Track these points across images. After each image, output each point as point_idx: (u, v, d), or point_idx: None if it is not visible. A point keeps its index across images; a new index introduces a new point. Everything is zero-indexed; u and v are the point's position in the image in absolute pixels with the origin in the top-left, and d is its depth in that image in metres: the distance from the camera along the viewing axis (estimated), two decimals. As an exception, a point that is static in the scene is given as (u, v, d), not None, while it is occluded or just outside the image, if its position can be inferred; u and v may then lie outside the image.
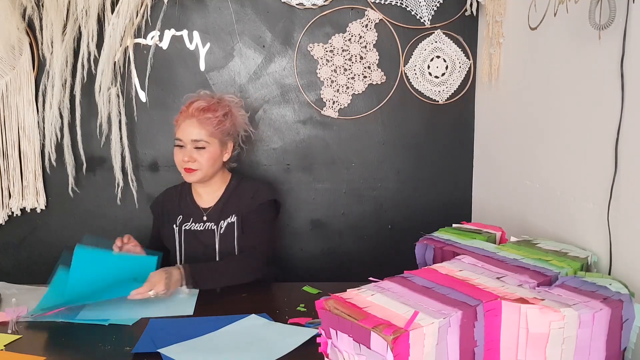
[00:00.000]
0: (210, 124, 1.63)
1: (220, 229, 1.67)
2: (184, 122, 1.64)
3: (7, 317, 1.33)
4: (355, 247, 2.07)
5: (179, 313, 1.38)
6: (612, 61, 1.11)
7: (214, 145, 1.65)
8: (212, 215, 1.69)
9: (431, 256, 1.29)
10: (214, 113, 1.64)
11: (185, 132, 1.63)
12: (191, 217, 1.70)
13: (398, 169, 2.03)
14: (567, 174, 1.33)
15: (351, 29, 1.93)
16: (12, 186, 1.94)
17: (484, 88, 1.90)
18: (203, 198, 1.73)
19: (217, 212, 1.69)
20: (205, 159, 1.63)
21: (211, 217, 1.69)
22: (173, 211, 1.73)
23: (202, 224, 1.69)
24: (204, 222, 1.69)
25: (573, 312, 0.85)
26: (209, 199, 1.72)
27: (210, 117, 1.63)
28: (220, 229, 1.67)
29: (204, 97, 1.68)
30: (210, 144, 1.64)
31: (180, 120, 1.65)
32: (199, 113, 1.62)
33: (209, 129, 1.63)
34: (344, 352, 0.88)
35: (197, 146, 1.62)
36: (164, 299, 1.43)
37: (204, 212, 1.70)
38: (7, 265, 2.03)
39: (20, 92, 1.89)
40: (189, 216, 1.71)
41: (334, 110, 1.98)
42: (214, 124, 1.63)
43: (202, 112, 1.63)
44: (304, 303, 1.42)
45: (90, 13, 1.83)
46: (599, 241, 1.18)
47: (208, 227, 1.68)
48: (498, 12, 1.72)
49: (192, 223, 1.70)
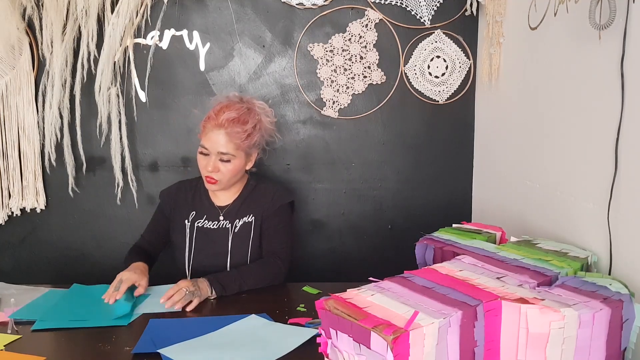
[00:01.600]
0: (239, 138, 1.58)
1: (234, 228, 1.66)
2: (212, 130, 1.58)
3: (7, 317, 1.33)
4: (355, 247, 2.07)
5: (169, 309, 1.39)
6: (612, 61, 1.11)
7: (240, 157, 1.62)
8: (228, 213, 1.68)
9: (431, 256, 1.29)
10: (244, 126, 1.59)
11: (212, 142, 1.58)
12: (205, 215, 1.69)
13: (398, 169, 2.03)
14: (567, 174, 1.33)
15: (351, 29, 1.93)
16: (12, 186, 1.94)
17: (484, 88, 1.90)
18: (219, 197, 1.71)
19: (234, 210, 1.68)
20: (229, 170, 1.60)
21: (227, 216, 1.68)
22: (186, 205, 1.71)
23: (216, 222, 1.67)
24: (220, 221, 1.67)
25: (573, 312, 0.85)
26: (226, 198, 1.71)
27: (239, 132, 1.58)
28: (235, 227, 1.66)
29: (234, 105, 1.62)
30: (237, 157, 1.60)
31: (209, 127, 1.59)
32: (229, 125, 1.57)
33: (237, 142, 1.58)
34: (344, 352, 0.87)
35: (222, 158, 1.59)
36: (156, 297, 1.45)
37: (220, 211, 1.69)
38: (7, 265, 2.03)
39: (20, 92, 1.89)
40: (202, 213, 1.69)
41: (334, 110, 1.98)
42: (242, 138, 1.59)
43: (232, 124, 1.57)
44: (304, 303, 1.42)
45: (90, 13, 1.83)
46: (599, 241, 1.18)
47: (222, 226, 1.67)
48: (498, 12, 1.72)
49: (206, 221, 1.68)
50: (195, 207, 1.71)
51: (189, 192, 1.74)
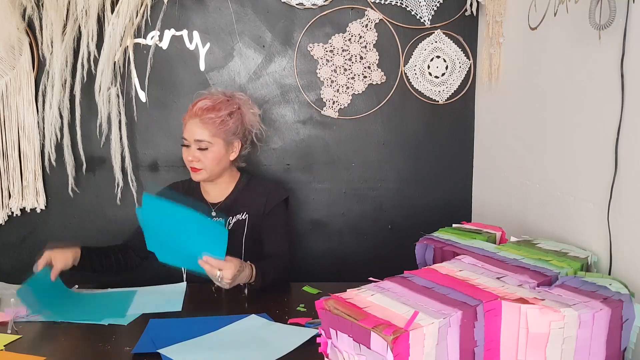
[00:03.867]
0: (213, 124, 1.61)
1: (228, 225, 1.66)
2: (188, 121, 1.63)
3: (7, 317, 1.33)
4: (355, 247, 2.07)
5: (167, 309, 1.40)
6: (612, 61, 1.11)
7: (218, 145, 1.63)
8: (221, 210, 1.69)
9: (431, 256, 1.29)
10: (217, 113, 1.62)
11: (189, 131, 1.62)
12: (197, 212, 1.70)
13: (398, 169, 2.03)
14: (567, 174, 1.33)
15: (351, 29, 1.93)
16: (12, 186, 1.94)
17: (484, 88, 1.90)
18: (211, 194, 1.72)
19: (226, 207, 1.69)
20: (208, 159, 1.62)
21: (220, 213, 1.69)
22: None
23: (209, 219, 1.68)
24: (212, 218, 1.68)
25: (573, 312, 0.85)
26: (218, 195, 1.72)
27: (212, 117, 1.61)
28: (228, 224, 1.66)
29: (211, 96, 1.66)
30: (214, 144, 1.62)
31: (187, 119, 1.65)
32: (202, 112, 1.61)
33: (211, 129, 1.61)
34: (344, 352, 0.87)
35: (200, 147, 1.61)
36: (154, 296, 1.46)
37: (212, 208, 1.70)
38: (7, 265, 2.03)
39: (20, 92, 1.89)
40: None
41: (334, 110, 1.98)
42: (216, 124, 1.61)
43: (205, 112, 1.61)
44: (304, 303, 1.42)
45: (90, 13, 1.83)
46: (599, 241, 1.18)
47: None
48: (498, 12, 1.72)
49: None
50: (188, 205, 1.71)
51: (181, 192, 1.75)
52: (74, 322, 1.33)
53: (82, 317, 1.35)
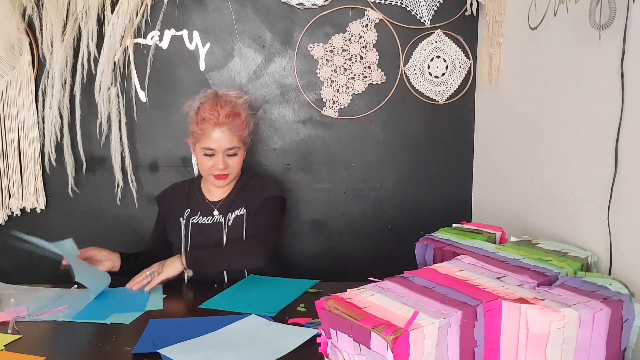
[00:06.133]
0: (240, 129, 1.64)
1: (228, 222, 1.68)
2: (213, 130, 1.60)
3: (7, 317, 1.33)
4: (355, 247, 2.07)
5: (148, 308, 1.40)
6: (612, 61, 1.11)
7: (242, 148, 1.68)
8: (222, 208, 1.70)
9: (431, 256, 1.29)
10: (240, 117, 1.64)
11: (217, 141, 1.61)
12: (199, 211, 1.71)
13: (398, 169, 2.03)
14: (567, 174, 1.33)
15: (351, 29, 1.93)
16: (12, 186, 1.94)
17: (484, 88, 1.90)
18: (213, 193, 1.74)
19: (227, 205, 1.70)
20: (236, 163, 1.66)
21: (221, 210, 1.70)
22: (180, 204, 1.74)
23: (211, 217, 1.69)
24: (214, 216, 1.69)
25: (573, 312, 0.85)
26: (219, 193, 1.73)
27: (239, 124, 1.63)
28: (229, 221, 1.68)
29: (219, 101, 1.64)
30: (241, 148, 1.67)
31: (208, 128, 1.60)
32: (229, 120, 1.61)
33: (239, 134, 1.64)
34: (344, 352, 0.87)
35: (229, 153, 1.63)
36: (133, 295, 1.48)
37: (214, 206, 1.71)
38: (7, 265, 2.03)
39: (20, 92, 1.89)
40: (197, 210, 1.71)
41: (334, 110, 1.98)
42: (242, 128, 1.65)
43: (231, 119, 1.62)
44: (304, 303, 1.42)
45: (90, 13, 1.83)
46: (599, 241, 1.18)
47: (216, 220, 1.68)
48: (498, 12, 1.72)
49: (200, 217, 1.70)
50: (190, 205, 1.73)
51: (182, 192, 1.77)
52: (74, 321, 1.33)
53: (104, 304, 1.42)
